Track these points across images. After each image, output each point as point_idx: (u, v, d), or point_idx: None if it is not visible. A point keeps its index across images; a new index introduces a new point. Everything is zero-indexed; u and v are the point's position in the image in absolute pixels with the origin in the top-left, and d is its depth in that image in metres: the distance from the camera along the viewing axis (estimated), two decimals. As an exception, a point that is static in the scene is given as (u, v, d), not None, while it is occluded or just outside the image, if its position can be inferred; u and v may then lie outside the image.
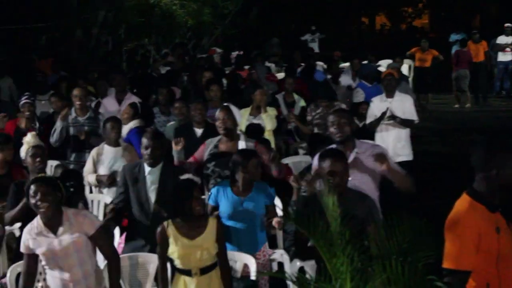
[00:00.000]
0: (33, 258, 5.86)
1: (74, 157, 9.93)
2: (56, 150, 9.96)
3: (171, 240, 5.95)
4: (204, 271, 5.99)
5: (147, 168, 7.05)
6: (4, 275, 6.62)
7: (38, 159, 7.48)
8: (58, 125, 9.98)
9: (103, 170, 8.81)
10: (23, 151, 7.47)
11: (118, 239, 7.42)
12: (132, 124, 9.71)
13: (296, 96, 12.36)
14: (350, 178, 6.07)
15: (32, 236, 5.80)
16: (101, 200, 8.67)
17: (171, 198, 6.32)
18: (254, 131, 9.50)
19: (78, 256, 5.82)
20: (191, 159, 7.98)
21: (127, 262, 6.59)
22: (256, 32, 26.95)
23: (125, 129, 9.46)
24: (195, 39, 23.71)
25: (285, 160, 9.74)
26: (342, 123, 6.58)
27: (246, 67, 17.26)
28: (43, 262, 5.90)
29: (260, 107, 10.54)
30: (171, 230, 5.97)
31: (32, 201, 5.74)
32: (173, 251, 5.96)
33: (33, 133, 7.71)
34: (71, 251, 5.78)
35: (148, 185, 7.00)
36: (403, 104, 10.51)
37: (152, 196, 6.99)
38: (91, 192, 9.06)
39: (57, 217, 5.78)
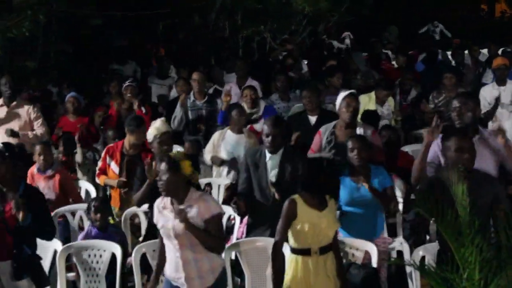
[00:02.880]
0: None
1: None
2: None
3: (300, 213, 5.83)
4: (322, 251, 5.89)
5: (267, 154, 6.98)
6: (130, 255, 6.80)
7: (165, 147, 7.36)
8: (178, 110, 10.25)
9: (223, 155, 8.94)
10: (151, 135, 7.51)
11: (239, 224, 7.51)
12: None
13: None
14: None
15: (158, 209, 5.85)
16: (221, 184, 8.80)
17: (290, 183, 6.32)
18: (370, 117, 9.48)
19: (190, 237, 5.68)
20: (309, 152, 7.78)
21: (248, 246, 6.65)
22: (371, 21, 26.61)
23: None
24: (311, 26, 23.56)
25: (405, 148, 9.63)
26: (464, 110, 6.48)
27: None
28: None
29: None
30: (300, 203, 5.87)
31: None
32: (302, 223, 5.81)
33: (163, 119, 7.68)
34: (183, 231, 5.67)
35: (269, 171, 6.94)
36: None
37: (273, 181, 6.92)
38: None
39: (179, 195, 5.73)
